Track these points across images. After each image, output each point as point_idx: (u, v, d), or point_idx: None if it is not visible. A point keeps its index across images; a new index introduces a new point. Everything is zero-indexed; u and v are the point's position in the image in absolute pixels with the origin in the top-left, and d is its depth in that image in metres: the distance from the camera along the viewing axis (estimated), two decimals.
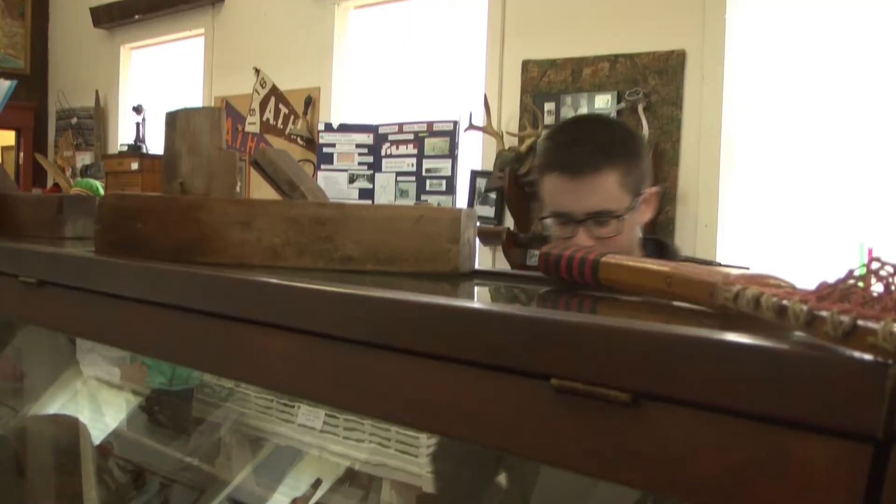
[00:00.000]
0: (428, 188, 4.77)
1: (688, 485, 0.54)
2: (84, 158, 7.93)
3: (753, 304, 0.59)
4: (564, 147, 1.76)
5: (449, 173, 4.72)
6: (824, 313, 0.51)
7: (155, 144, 6.96)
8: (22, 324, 1.97)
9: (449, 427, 0.66)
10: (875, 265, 0.53)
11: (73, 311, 1.10)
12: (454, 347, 0.66)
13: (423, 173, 4.81)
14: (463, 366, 0.65)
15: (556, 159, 1.74)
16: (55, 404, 2.40)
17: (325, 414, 3.68)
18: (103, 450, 2.27)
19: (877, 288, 0.53)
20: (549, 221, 1.78)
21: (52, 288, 1.11)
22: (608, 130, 1.84)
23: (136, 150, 7.02)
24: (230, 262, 0.98)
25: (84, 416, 2.45)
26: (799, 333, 0.53)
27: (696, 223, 3.99)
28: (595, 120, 2.49)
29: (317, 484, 2.22)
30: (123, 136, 7.62)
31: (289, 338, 0.79)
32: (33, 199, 1.50)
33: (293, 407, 3.83)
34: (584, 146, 1.72)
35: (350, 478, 3.48)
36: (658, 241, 1.96)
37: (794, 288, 0.62)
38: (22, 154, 8.69)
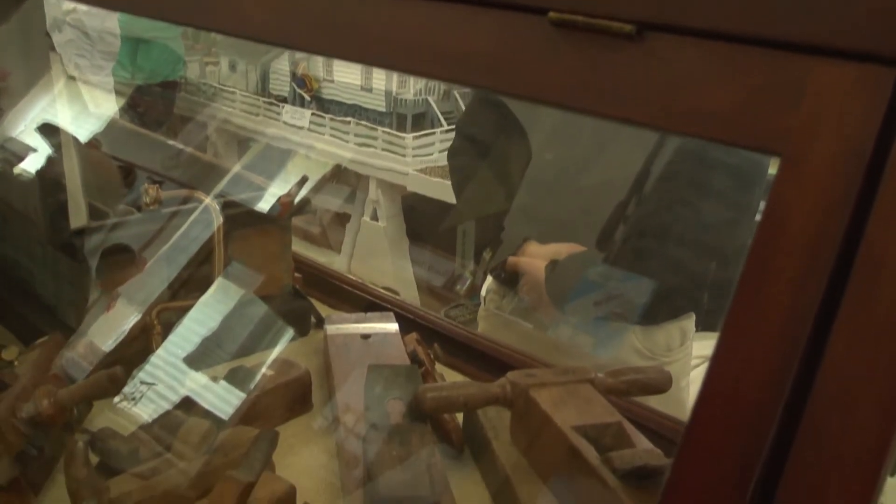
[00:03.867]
0: None
1: (696, 118, 0.51)
2: None
3: None
4: None
5: None
6: None
7: None
8: None
9: (442, 69, 0.62)
10: None
11: None
12: None
13: None
14: (456, 4, 0.60)
15: None
16: (37, 105, 2.37)
17: (312, 113, 3.66)
18: (90, 145, 2.25)
19: None
20: None
21: None
22: None
23: None
24: None
25: (66, 117, 2.42)
26: None
27: None
28: None
29: (303, 181, 2.22)
30: None
31: None
32: None
33: (279, 106, 3.81)
34: None
35: (336, 176, 3.51)
36: None
37: None
38: None
